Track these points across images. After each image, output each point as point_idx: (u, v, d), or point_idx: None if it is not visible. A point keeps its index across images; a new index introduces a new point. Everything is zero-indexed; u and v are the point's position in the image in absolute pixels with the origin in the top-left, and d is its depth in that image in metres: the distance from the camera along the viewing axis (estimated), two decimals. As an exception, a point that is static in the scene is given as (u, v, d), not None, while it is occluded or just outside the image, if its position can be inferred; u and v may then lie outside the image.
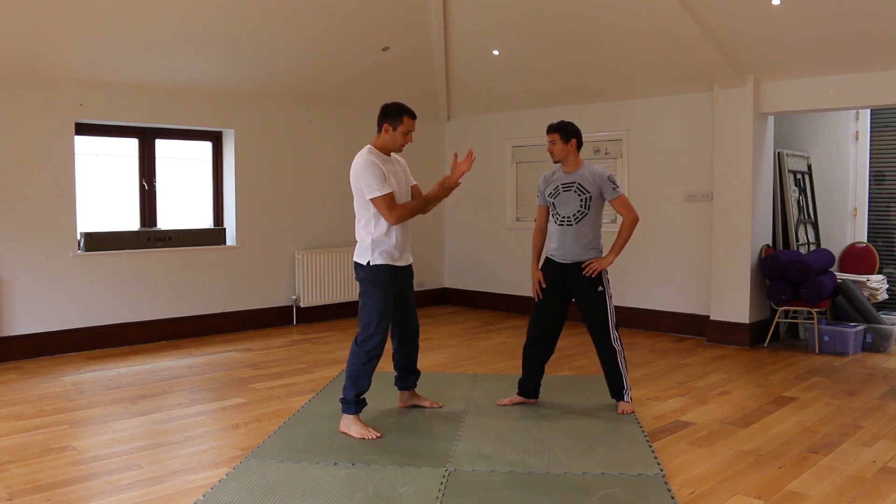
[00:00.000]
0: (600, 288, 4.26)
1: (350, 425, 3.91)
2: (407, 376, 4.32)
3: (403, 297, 4.07)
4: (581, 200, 4.23)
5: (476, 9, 6.69)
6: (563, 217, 4.27)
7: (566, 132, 4.27)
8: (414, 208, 3.93)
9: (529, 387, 4.45)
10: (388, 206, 3.81)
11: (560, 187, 4.29)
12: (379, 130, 3.97)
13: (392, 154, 4.04)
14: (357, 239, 3.99)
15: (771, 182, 6.59)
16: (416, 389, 4.43)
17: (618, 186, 4.28)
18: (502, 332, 7.00)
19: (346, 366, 3.98)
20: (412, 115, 3.96)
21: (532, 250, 4.50)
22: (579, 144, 4.31)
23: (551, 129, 4.31)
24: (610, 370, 4.33)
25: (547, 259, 4.40)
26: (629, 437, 3.89)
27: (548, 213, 4.41)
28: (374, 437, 3.84)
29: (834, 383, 5.11)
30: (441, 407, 4.40)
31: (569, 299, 4.37)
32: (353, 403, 3.92)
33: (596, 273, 4.23)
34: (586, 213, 4.24)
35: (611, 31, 6.26)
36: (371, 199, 3.82)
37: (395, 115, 3.92)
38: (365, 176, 3.81)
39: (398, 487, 3.21)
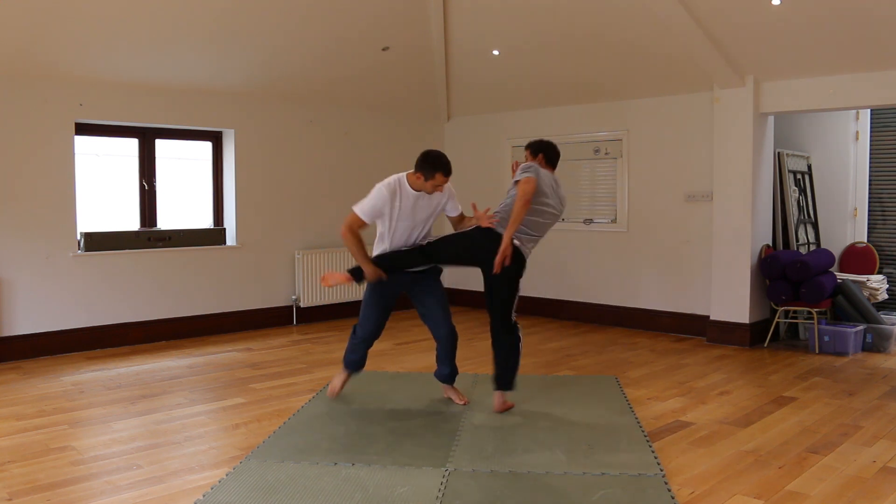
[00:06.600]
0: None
1: (335, 377, 4.55)
2: (441, 370, 4.44)
3: (426, 302, 4.30)
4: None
5: (476, 9, 6.68)
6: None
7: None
8: (354, 249, 4.14)
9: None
10: (350, 225, 4.12)
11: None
12: (415, 170, 4.13)
13: None
14: None
15: (771, 182, 6.59)
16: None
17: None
18: (502, 332, 6.98)
19: None
20: (446, 173, 4.12)
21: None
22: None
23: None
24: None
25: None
26: (629, 437, 3.90)
27: None
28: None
29: (834, 383, 5.12)
30: (467, 403, 4.44)
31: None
32: (346, 364, 4.46)
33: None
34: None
35: (611, 32, 6.26)
36: (352, 207, 4.15)
37: (430, 169, 4.09)
38: (371, 194, 4.13)
39: (398, 487, 3.22)
